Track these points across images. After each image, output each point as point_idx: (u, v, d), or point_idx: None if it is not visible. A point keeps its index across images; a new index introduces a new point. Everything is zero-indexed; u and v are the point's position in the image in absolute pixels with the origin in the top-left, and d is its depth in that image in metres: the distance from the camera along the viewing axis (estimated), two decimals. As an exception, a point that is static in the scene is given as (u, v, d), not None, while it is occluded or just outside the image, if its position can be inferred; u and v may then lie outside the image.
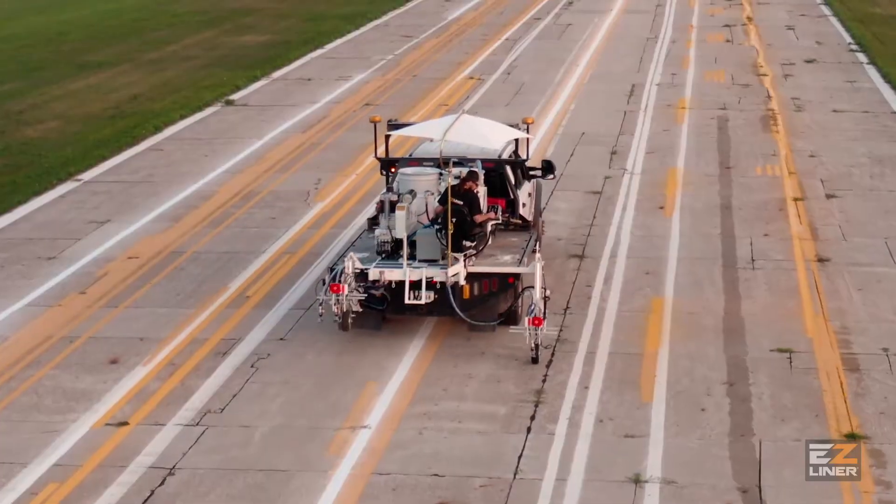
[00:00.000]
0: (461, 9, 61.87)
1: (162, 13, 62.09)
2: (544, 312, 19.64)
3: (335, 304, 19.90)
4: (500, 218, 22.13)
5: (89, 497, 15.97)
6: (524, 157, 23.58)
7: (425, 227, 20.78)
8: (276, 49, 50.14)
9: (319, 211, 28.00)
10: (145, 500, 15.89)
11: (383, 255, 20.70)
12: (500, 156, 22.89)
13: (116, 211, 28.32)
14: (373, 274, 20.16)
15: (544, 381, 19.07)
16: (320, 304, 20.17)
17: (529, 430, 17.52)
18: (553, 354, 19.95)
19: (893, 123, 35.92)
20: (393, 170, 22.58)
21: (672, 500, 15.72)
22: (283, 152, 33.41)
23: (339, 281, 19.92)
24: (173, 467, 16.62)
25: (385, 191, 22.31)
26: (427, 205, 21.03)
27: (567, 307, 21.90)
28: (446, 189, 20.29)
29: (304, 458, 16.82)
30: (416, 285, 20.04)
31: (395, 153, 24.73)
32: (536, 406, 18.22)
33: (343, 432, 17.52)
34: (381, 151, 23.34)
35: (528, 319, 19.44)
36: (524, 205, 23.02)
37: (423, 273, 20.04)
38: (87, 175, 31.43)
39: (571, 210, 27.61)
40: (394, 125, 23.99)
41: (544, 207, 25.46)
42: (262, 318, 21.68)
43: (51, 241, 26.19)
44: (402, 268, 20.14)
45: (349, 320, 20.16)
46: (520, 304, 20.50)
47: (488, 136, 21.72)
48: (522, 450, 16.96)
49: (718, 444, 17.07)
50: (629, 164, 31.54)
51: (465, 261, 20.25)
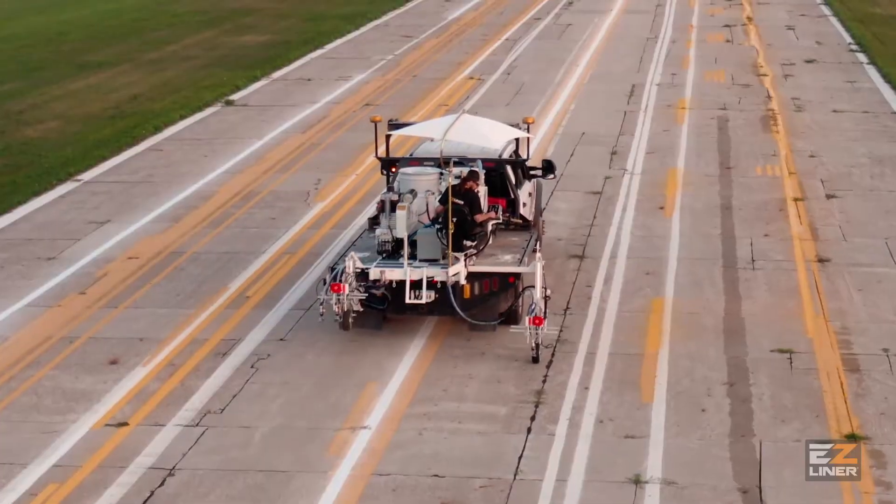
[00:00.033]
0: (461, 9, 61.85)
1: (162, 13, 62.07)
2: (545, 312, 19.63)
3: (336, 304, 19.88)
4: (500, 217, 22.12)
5: (89, 498, 15.95)
6: (525, 156, 23.59)
7: (426, 226, 20.77)
8: (276, 49, 50.12)
9: (319, 211, 27.99)
10: (145, 501, 15.87)
11: (384, 255, 20.70)
12: (500, 155, 22.87)
13: (116, 211, 28.31)
14: (373, 273, 20.15)
15: (544, 381, 19.05)
16: (321, 304, 20.16)
17: (530, 430, 17.51)
18: (553, 355, 19.93)
19: (893, 124, 35.90)
20: (393, 169, 22.56)
21: (672, 501, 15.70)
22: (283, 152, 33.40)
23: (340, 280, 19.92)
24: (173, 468, 16.61)
25: (386, 190, 22.29)
26: (428, 204, 21.01)
27: (567, 307, 21.88)
28: (447, 189, 20.27)
29: (304, 459, 16.81)
30: (416, 285, 20.03)
31: (395, 153, 24.72)
32: (537, 407, 18.21)
33: (343, 433, 17.51)
34: (381, 151, 23.33)
35: (529, 319, 19.43)
36: (524, 204, 23.01)
37: (423, 272, 20.04)
38: (86, 175, 31.41)
39: (571, 210, 27.60)
40: (394, 125, 23.97)
41: (544, 207, 25.44)
42: (262, 318, 21.67)
43: (50, 241, 26.18)
44: (402, 267, 20.13)
45: (350, 320, 20.14)
46: (520, 304, 20.49)
47: (489, 136, 21.71)
48: (522, 450, 16.94)
49: (719, 445, 17.05)
50: (629, 165, 31.53)
51: (465, 260, 20.24)
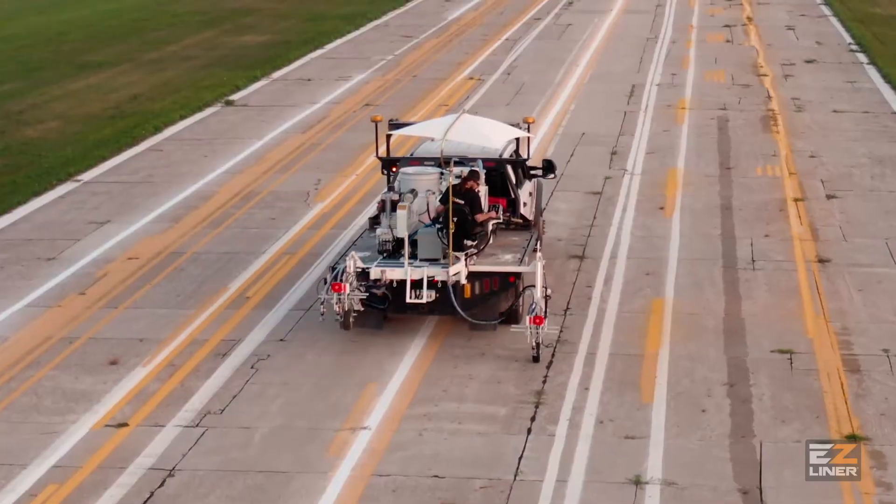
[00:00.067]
0: (461, 9, 61.83)
1: (162, 13, 62.06)
2: (545, 311, 19.63)
3: (337, 304, 19.89)
4: (501, 217, 22.13)
5: (89, 498, 15.94)
6: (525, 156, 23.59)
7: (426, 226, 20.77)
8: (276, 49, 50.10)
9: (319, 211, 27.98)
10: (145, 502, 15.86)
11: (385, 255, 20.71)
12: (500, 155, 22.88)
13: (116, 211, 28.30)
14: (374, 273, 20.16)
15: (544, 382, 19.04)
16: (322, 303, 20.17)
17: (530, 431, 17.49)
18: (553, 355, 19.92)
19: (894, 124, 35.88)
20: (394, 169, 22.58)
21: (673, 502, 15.69)
22: (282, 153, 33.38)
23: (341, 280, 19.93)
24: (173, 469, 16.60)
25: (386, 190, 22.30)
26: (428, 204, 21.02)
27: (567, 308, 21.87)
28: (448, 188, 20.28)
29: (303, 460, 16.79)
30: (417, 284, 20.04)
31: (395, 152, 24.71)
32: (537, 407, 18.20)
33: (343, 433, 17.50)
34: (382, 151, 23.34)
35: (530, 318, 19.43)
36: (525, 204, 23.02)
37: (424, 272, 20.05)
38: (86, 175, 31.40)
39: (571, 210, 27.59)
40: (395, 125, 23.97)
41: (545, 207, 25.43)
42: (262, 318, 21.65)
43: (50, 241, 26.16)
44: (403, 267, 20.15)
45: (351, 319, 20.15)
46: (521, 304, 20.50)
47: (489, 136, 21.71)
48: (523, 451, 16.93)
49: (719, 446, 17.04)
50: (629, 165, 31.52)
51: (466, 260, 20.25)
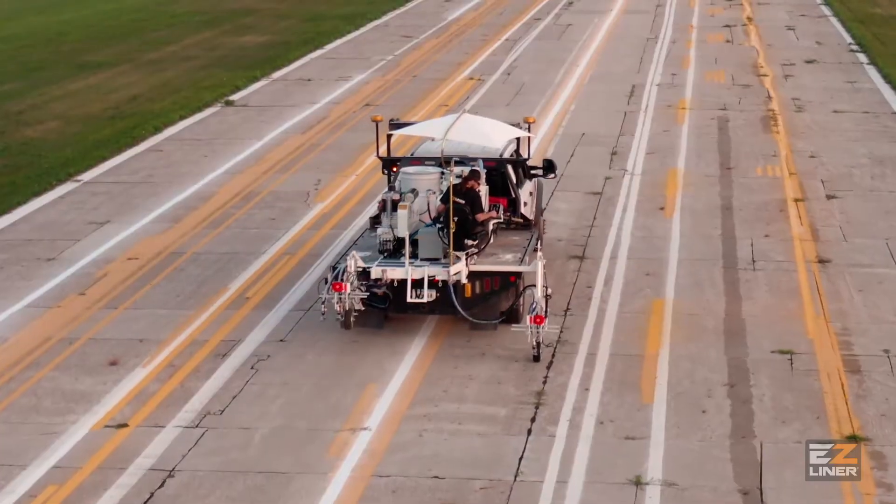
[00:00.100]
0: (461, 9, 61.82)
1: (161, 13, 62.05)
2: (546, 311, 19.63)
3: (337, 303, 19.91)
4: (501, 217, 22.14)
5: (89, 499, 15.92)
6: (525, 156, 23.60)
7: (427, 225, 20.79)
8: (276, 49, 50.09)
9: (319, 212, 27.96)
10: (145, 503, 15.84)
11: (385, 254, 20.72)
12: (501, 155, 22.89)
13: (116, 212, 28.28)
14: (375, 272, 20.17)
15: (545, 382, 19.02)
16: (323, 303, 20.17)
17: (530, 431, 17.48)
18: (553, 356, 19.90)
19: (894, 124, 35.87)
20: (395, 169, 22.59)
21: (673, 503, 15.67)
22: (282, 153, 33.37)
23: (342, 279, 19.94)
24: (173, 469, 16.57)
25: (387, 190, 22.30)
26: (429, 203, 21.03)
27: (567, 308, 21.85)
28: (448, 188, 20.29)
29: (303, 460, 16.77)
30: (418, 284, 20.05)
31: (396, 152, 24.70)
32: (537, 408, 18.18)
33: (343, 434, 17.48)
34: (382, 150, 23.35)
35: (530, 318, 19.44)
36: (525, 204, 23.04)
37: (425, 272, 20.06)
38: (86, 176, 31.39)
39: (572, 211, 27.57)
40: (395, 124, 23.98)
41: (545, 207, 25.42)
42: (262, 319, 21.64)
43: (50, 242, 26.15)
44: (404, 266, 20.16)
45: (351, 319, 20.16)
46: (521, 303, 20.51)
47: (490, 135, 21.71)
48: (523, 452, 16.91)
49: (719, 446, 17.02)
50: (629, 165, 31.51)
51: (466, 259, 20.26)
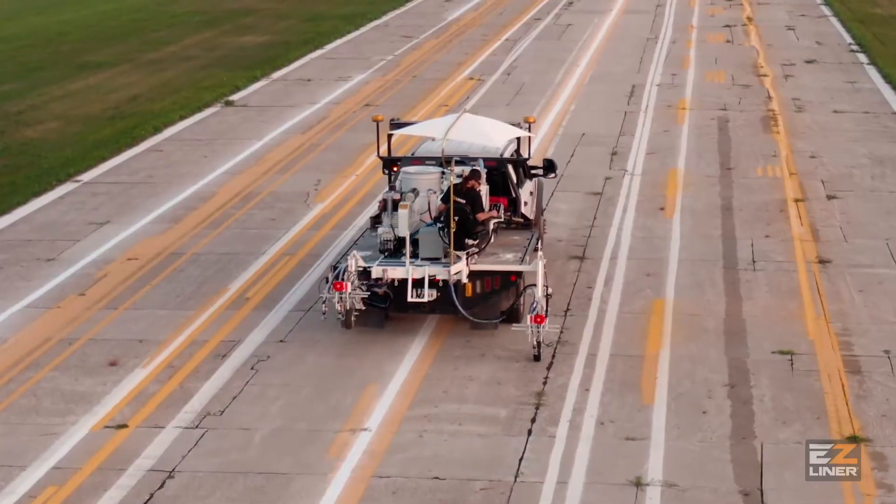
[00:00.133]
0: (461, 9, 61.81)
1: (161, 13, 62.04)
2: (546, 310, 19.62)
3: (338, 302, 19.94)
4: (502, 216, 22.14)
5: (88, 500, 15.89)
6: (526, 155, 23.61)
7: (428, 225, 20.82)
8: (276, 49, 50.08)
9: (319, 212, 27.95)
10: (144, 503, 15.84)
11: (386, 254, 20.74)
12: (501, 154, 22.90)
13: (116, 212, 28.26)
14: (376, 272, 20.19)
15: (545, 383, 19.01)
16: (324, 302, 20.20)
17: (530, 432, 17.46)
18: (554, 356, 19.89)
19: (894, 124, 35.87)
20: (395, 168, 22.61)
21: (673, 503, 15.66)
22: (282, 153, 33.35)
23: (343, 279, 19.95)
24: (173, 470, 16.55)
25: (388, 189, 22.31)
26: (430, 203, 21.06)
27: (568, 309, 21.84)
28: (449, 187, 20.30)
29: (303, 461, 16.76)
30: (418, 283, 20.07)
31: (396, 152, 24.69)
32: (537, 408, 18.16)
33: (343, 435, 17.46)
34: (383, 150, 23.36)
35: (531, 317, 19.45)
36: (526, 203, 23.05)
37: (425, 271, 20.08)
38: (86, 176, 31.37)
39: (572, 211, 27.56)
40: (396, 124, 24.01)
41: (545, 207, 25.40)
42: (262, 319, 21.62)
43: (50, 242, 26.13)
44: (404, 266, 20.18)
45: (352, 318, 20.18)
46: (522, 303, 20.52)
47: (490, 135, 21.72)
48: (523, 452, 16.89)
49: (720, 447, 17.00)
50: (629, 165, 31.49)
51: (467, 259, 20.28)
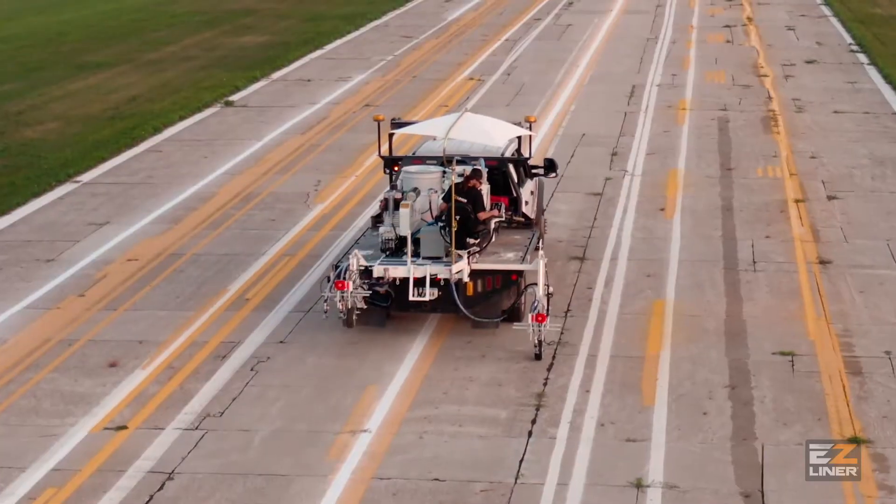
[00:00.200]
0: (461, 9, 61.79)
1: (161, 14, 62.01)
2: (548, 309, 19.62)
3: (340, 301, 19.97)
4: (503, 216, 22.14)
5: (88, 502, 15.86)
6: (527, 155, 23.61)
7: (429, 224, 20.85)
8: (276, 50, 50.05)
9: (319, 212, 27.92)
10: (144, 505, 15.85)
11: (387, 253, 20.77)
12: (502, 154, 22.91)
13: (115, 213, 28.23)
14: (377, 271, 20.22)
15: (545, 384, 18.98)
16: (325, 301, 20.21)
17: (530, 434, 17.43)
18: (554, 357, 19.86)
19: (894, 124, 35.84)
20: (396, 168, 22.61)
21: (674, 505, 15.67)
22: (282, 154, 33.32)
23: (344, 278, 19.96)
24: (172, 472, 16.53)
25: (389, 188, 22.31)
26: (431, 202, 21.08)
27: (568, 309, 21.81)
28: (450, 187, 20.31)
29: (303, 463, 16.73)
30: (420, 282, 20.09)
31: (397, 151, 24.67)
32: (537, 410, 18.14)
33: (343, 436, 17.44)
34: (384, 149, 23.35)
35: (532, 316, 19.47)
36: (527, 203, 23.07)
37: (426, 270, 20.12)
38: (86, 176, 31.34)
39: (572, 212, 27.53)
40: (397, 123, 24.04)
41: (546, 207, 25.38)
42: (262, 320, 21.60)
43: (49, 243, 26.10)
44: (406, 265, 20.20)
45: (354, 317, 20.20)
46: (523, 302, 20.53)
47: (491, 134, 21.73)
48: (523, 454, 16.87)
49: (720, 448, 16.97)
50: (630, 166, 31.47)
51: (468, 258, 20.29)
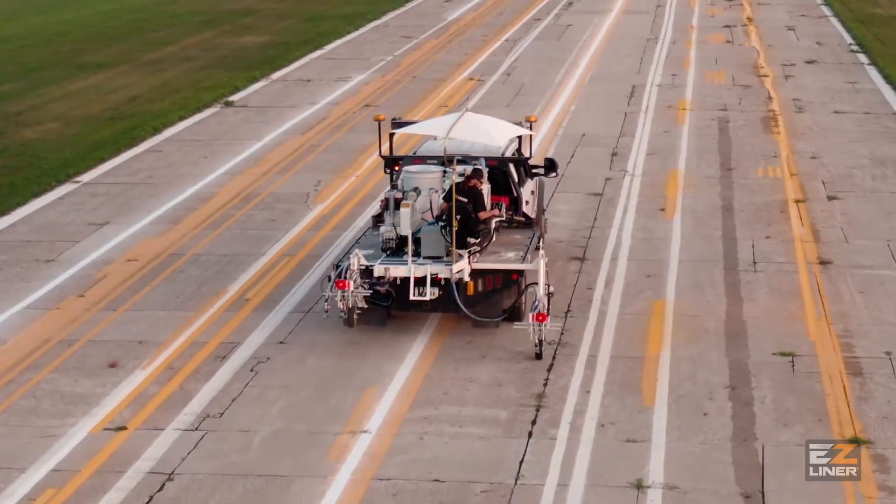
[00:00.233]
0: (461, 9, 61.77)
1: (161, 14, 61.99)
2: (548, 308, 19.62)
3: (341, 301, 19.98)
4: (503, 215, 22.15)
5: (87, 502, 15.85)
6: (527, 154, 23.61)
7: (430, 224, 20.87)
8: (276, 50, 50.03)
9: (319, 213, 27.91)
10: (144, 506, 15.84)
11: (388, 252, 20.78)
12: (503, 153, 22.92)
13: (115, 213, 28.22)
14: (378, 270, 20.25)
15: (545, 385, 18.97)
16: (326, 301, 20.22)
17: (531, 434, 17.42)
18: (554, 358, 19.85)
19: (895, 125, 35.82)
20: (397, 168, 22.61)
21: (674, 506, 15.65)
22: (282, 154, 33.31)
23: (345, 277, 19.96)
24: (172, 472, 16.51)
25: (390, 188, 22.31)
26: (431, 202, 21.10)
27: (568, 310, 21.79)
28: (451, 186, 20.32)
29: (303, 464, 16.71)
30: (420, 282, 20.10)
31: (398, 151, 24.66)
32: (538, 410, 18.12)
33: (343, 437, 17.42)
34: (385, 149, 23.35)
35: (532, 315, 19.47)
36: (527, 202, 23.09)
37: (427, 269, 20.13)
38: (85, 177, 31.32)
39: (572, 212, 27.52)
40: (398, 123, 24.04)
41: (546, 206, 25.36)
42: (262, 321, 21.58)
43: (49, 243, 26.08)
44: (406, 264, 20.21)
45: (354, 316, 20.20)
46: (523, 301, 20.53)
47: (492, 134, 21.74)
48: (524, 455, 16.85)
49: (721, 449, 16.96)
50: (630, 166, 31.45)
51: (469, 257, 20.30)
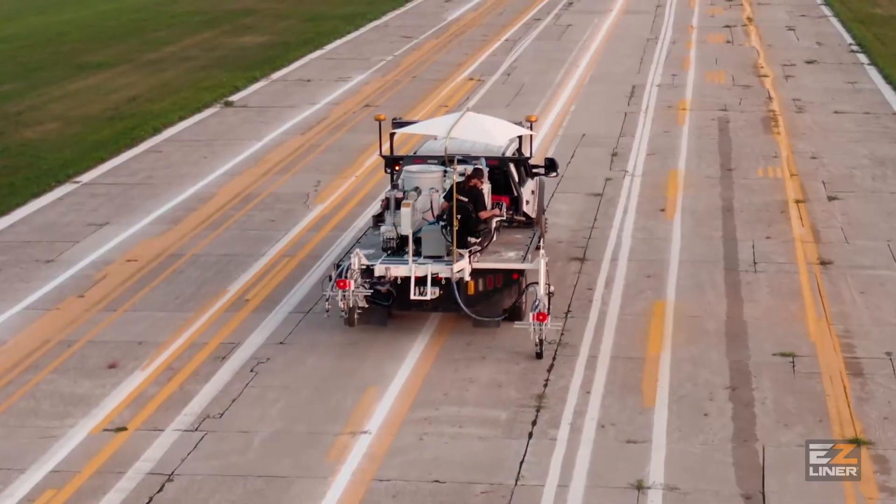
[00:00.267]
0: (461, 9, 61.76)
1: (161, 14, 61.98)
2: (548, 308, 19.62)
3: (341, 300, 19.99)
4: (504, 215, 22.15)
5: (87, 503, 15.84)
6: (528, 154, 23.61)
7: (430, 223, 20.89)
8: (276, 50, 50.02)
9: (319, 213, 27.89)
10: (144, 507, 15.82)
11: (389, 252, 20.79)
12: (503, 153, 22.92)
13: (115, 213, 28.20)
14: (378, 270, 20.26)
15: (546, 385, 18.95)
16: (327, 300, 20.21)
17: (531, 435, 17.40)
18: (554, 358, 19.84)
19: (895, 125, 35.80)
20: (398, 167, 22.61)
21: (675, 507, 15.63)
22: (282, 154, 33.29)
23: (346, 277, 19.96)
24: (172, 473, 16.50)
25: (390, 188, 22.31)
26: (432, 202, 21.12)
27: (568, 310, 21.78)
28: (451, 186, 20.33)
29: (303, 464, 16.70)
30: (421, 281, 20.11)
31: (399, 151, 24.65)
32: (538, 411, 18.11)
33: (343, 438, 17.41)
34: (385, 149, 23.34)
35: (533, 315, 19.47)
36: (527, 202, 23.11)
37: (428, 269, 20.15)
38: (85, 177, 31.31)
39: (572, 212, 27.50)
40: (398, 123, 24.04)
41: (546, 206, 25.35)
42: (262, 321, 21.57)
43: (49, 243, 26.06)
44: (407, 264, 20.23)
45: (355, 316, 20.21)
46: (524, 300, 20.53)
47: (492, 134, 21.74)
48: (524, 455, 16.84)
49: (721, 450, 16.95)
50: (630, 166, 31.44)
51: (469, 257, 20.31)
